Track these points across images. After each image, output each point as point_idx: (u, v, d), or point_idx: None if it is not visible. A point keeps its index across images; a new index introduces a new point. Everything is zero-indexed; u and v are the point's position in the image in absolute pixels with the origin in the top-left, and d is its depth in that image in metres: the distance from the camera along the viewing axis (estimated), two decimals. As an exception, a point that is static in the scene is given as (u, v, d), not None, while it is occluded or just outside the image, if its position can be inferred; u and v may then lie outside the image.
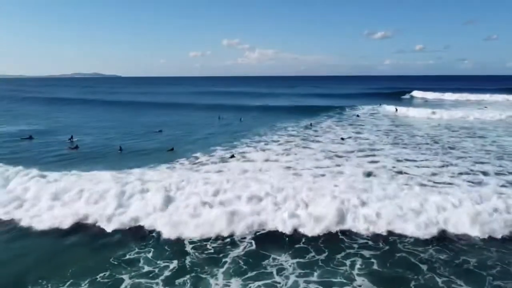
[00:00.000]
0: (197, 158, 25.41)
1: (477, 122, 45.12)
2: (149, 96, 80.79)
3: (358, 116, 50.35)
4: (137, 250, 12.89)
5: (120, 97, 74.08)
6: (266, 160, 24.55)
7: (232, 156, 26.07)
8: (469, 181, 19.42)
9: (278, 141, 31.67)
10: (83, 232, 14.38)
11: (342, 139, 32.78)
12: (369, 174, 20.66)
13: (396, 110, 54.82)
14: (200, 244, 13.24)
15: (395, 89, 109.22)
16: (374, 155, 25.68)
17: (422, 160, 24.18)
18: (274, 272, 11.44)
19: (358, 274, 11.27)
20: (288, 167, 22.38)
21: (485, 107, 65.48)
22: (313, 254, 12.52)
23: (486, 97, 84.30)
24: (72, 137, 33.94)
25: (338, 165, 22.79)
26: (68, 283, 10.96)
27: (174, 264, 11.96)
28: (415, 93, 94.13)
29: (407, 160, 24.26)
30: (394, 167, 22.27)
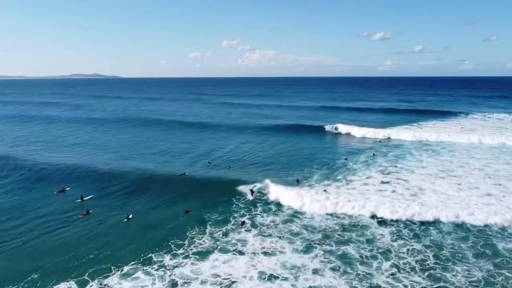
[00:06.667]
0: (190, 246, 27.26)
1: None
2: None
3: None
4: None
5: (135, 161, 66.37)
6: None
7: (243, 223, 30.30)
8: None
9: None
10: None
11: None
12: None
13: (252, 193, 38.07)
14: None
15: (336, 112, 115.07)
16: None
17: None
18: None
19: None
20: None
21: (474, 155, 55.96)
22: None
23: (453, 137, 66.11)
24: (82, 197, 35.02)
25: None
26: None
27: None
28: (341, 127, 79.16)
29: None
30: None
